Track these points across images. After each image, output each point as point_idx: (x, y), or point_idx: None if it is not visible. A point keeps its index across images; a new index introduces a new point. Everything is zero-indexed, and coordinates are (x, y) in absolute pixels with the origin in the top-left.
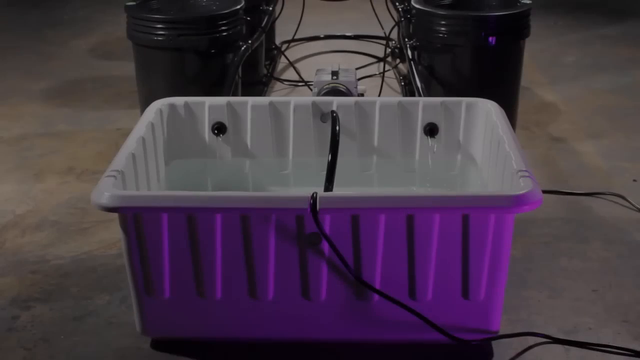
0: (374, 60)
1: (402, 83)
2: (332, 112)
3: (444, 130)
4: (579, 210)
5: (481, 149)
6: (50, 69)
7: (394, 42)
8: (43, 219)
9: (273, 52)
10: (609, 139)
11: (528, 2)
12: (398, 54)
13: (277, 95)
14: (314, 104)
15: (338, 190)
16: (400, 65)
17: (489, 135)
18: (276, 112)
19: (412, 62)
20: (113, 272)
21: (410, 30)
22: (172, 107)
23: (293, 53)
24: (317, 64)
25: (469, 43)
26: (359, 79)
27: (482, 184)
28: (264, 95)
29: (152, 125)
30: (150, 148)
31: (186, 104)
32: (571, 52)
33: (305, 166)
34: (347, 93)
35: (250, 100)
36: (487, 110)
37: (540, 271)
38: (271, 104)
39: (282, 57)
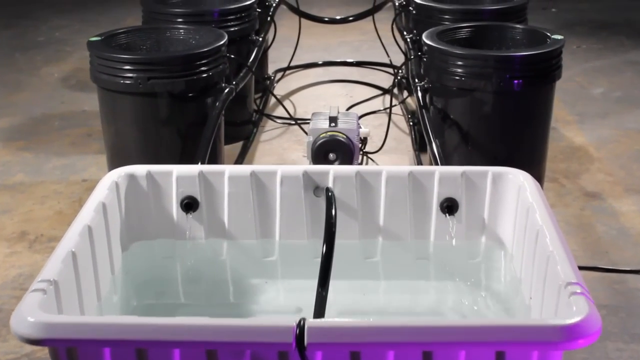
0: (379, 92)
1: (411, 122)
2: (327, 190)
3: (465, 207)
4: (626, 293)
5: (512, 231)
6: (15, 103)
7: (401, 71)
8: None
9: (265, 83)
10: None
11: (559, 37)
12: (405, 84)
13: (270, 134)
14: (305, 174)
15: (333, 289)
16: (409, 100)
17: (522, 216)
18: (259, 185)
19: (423, 109)
20: None
21: (422, 70)
22: (132, 178)
23: (288, 83)
24: (314, 96)
25: (490, 87)
26: (362, 116)
27: (512, 277)
28: (254, 136)
29: (104, 206)
30: (101, 236)
31: (149, 175)
32: (598, 83)
33: (296, 251)
34: (347, 143)
35: (228, 169)
36: (519, 184)
37: None
38: (253, 174)
39: (277, 85)
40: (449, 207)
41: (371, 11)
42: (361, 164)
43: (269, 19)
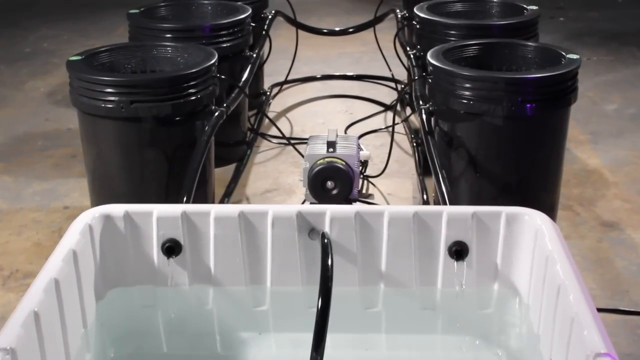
0: (380, 109)
1: (414, 143)
2: (323, 236)
3: (475, 252)
4: None
5: (528, 279)
6: None
7: (403, 86)
8: None
9: (261, 99)
10: None
11: (575, 56)
12: (408, 100)
13: (265, 155)
14: (299, 215)
15: (331, 343)
16: (413, 118)
17: (540, 265)
18: (249, 226)
19: (428, 135)
20: None
21: (426, 91)
22: (107, 219)
23: (284, 99)
24: (311, 113)
25: (501, 111)
26: (362, 135)
27: (529, 332)
28: (247, 159)
29: (75, 254)
30: (70, 288)
31: (127, 215)
32: (611, 98)
33: (289, 299)
34: (346, 170)
35: (214, 210)
36: (536, 227)
37: None
38: (242, 215)
39: (273, 102)
40: (458, 251)
41: (372, 22)
42: (361, 189)
43: (264, 32)
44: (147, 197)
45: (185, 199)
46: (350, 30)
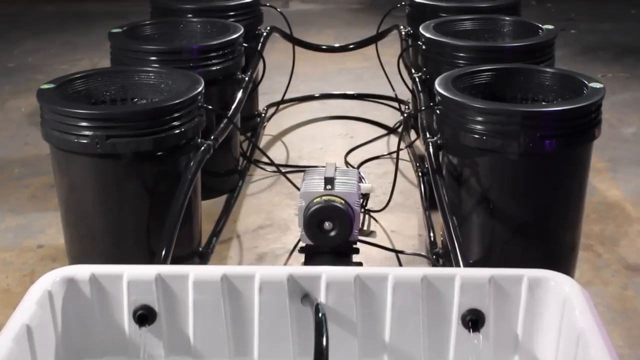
0: (383, 132)
1: (419, 172)
2: (317, 309)
3: (493, 322)
4: None
5: (553, 355)
6: None
7: (407, 107)
8: None
9: (255, 121)
10: None
11: (598, 85)
12: (413, 123)
13: (259, 185)
14: (290, 279)
15: None
16: (418, 143)
17: (569, 341)
18: (233, 291)
19: (436, 174)
20: None
21: (434, 123)
22: (71, 284)
23: (280, 120)
24: (309, 137)
25: (516, 148)
26: (363, 162)
27: None
28: (239, 190)
29: (29, 329)
30: None
31: (93, 279)
32: (629, 120)
33: None
34: (345, 210)
35: (193, 272)
36: (564, 296)
37: None
38: (225, 278)
39: (268, 124)
40: (473, 320)
41: (374, 38)
42: (362, 226)
43: (257, 52)
44: (126, 240)
45: (164, 251)
46: (351, 46)
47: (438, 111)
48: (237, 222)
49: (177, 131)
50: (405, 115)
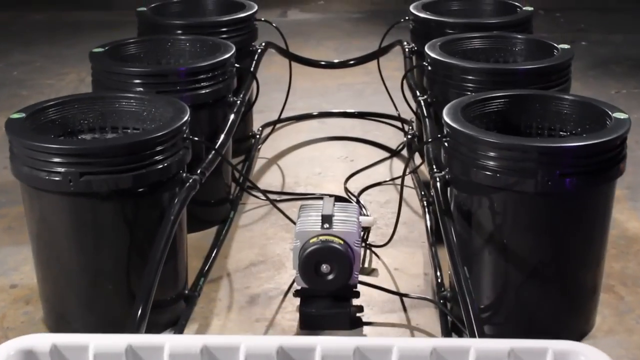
0: (386, 155)
1: (424, 201)
2: None
3: None
4: None
5: None
6: None
7: (411, 127)
8: None
9: (249, 142)
10: None
11: (623, 116)
12: (418, 145)
13: (252, 215)
14: (280, 352)
15: None
16: (423, 168)
17: None
18: None
19: (444, 215)
20: None
21: (442, 158)
22: (29, 357)
23: (277, 141)
24: (307, 160)
25: (533, 186)
26: (365, 189)
27: None
28: (230, 222)
29: None
30: None
31: (55, 351)
32: None
33: None
34: (344, 251)
35: (169, 342)
36: None
37: None
38: (205, 350)
39: (263, 146)
40: None
41: (376, 54)
42: (364, 264)
43: (252, 69)
44: (104, 281)
45: (140, 310)
46: (351, 62)
47: (446, 143)
48: (228, 258)
49: (160, 166)
50: (408, 136)
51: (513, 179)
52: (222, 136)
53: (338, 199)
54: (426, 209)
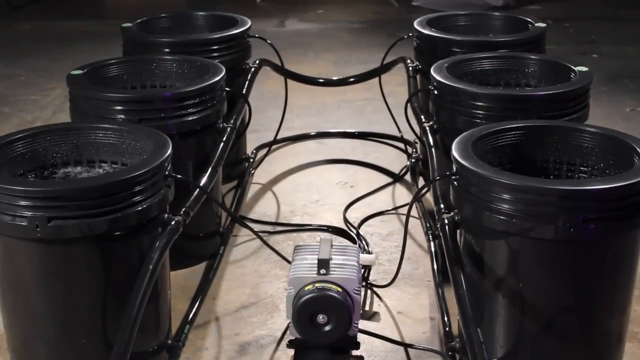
0: (388, 180)
1: (430, 234)
2: None
3: None
4: None
5: None
6: None
7: (414, 150)
8: None
9: (243, 166)
10: None
11: None
12: (422, 169)
13: (243, 249)
14: None
15: None
16: (428, 195)
17: None
18: None
19: (454, 265)
20: None
21: (452, 197)
22: None
23: (272, 164)
24: (304, 187)
25: (553, 233)
26: (366, 219)
27: None
28: (220, 258)
29: None
30: None
31: None
32: None
33: None
34: (342, 300)
35: None
36: None
37: None
38: None
39: (258, 169)
40: None
41: (377, 71)
42: (364, 306)
43: (244, 92)
44: (76, 329)
45: None
46: (351, 80)
47: (456, 182)
48: (217, 300)
49: (139, 208)
50: (412, 160)
51: (530, 225)
52: (209, 170)
53: (337, 231)
54: (432, 243)
